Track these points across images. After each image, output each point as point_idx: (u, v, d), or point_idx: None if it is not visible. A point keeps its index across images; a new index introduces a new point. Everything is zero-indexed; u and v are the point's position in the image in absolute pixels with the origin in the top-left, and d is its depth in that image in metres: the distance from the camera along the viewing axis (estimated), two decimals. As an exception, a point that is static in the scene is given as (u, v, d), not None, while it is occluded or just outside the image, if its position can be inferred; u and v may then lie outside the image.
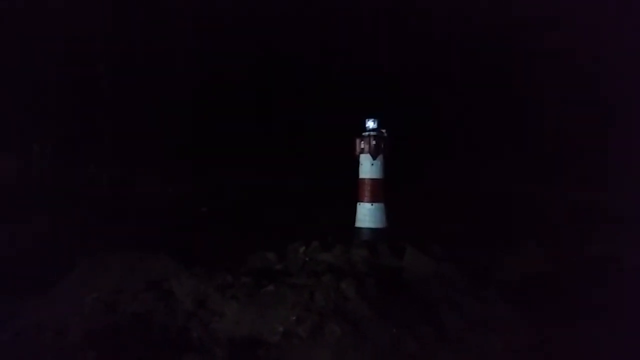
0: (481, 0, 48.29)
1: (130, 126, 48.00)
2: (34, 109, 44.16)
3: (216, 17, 50.46)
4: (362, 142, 32.95)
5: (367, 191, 32.77)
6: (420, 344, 20.10)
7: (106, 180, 45.43)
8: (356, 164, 33.56)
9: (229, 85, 50.16)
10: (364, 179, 32.97)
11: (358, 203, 33.27)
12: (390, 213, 33.03)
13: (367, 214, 32.66)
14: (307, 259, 28.20)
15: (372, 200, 32.59)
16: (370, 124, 33.14)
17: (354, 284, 22.70)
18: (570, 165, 49.37)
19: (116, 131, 47.82)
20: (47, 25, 44.83)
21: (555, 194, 46.03)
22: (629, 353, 20.18)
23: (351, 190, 33.91)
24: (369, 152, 32.61)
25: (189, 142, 49.47)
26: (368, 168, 32.73)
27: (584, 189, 45.67)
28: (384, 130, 33.12)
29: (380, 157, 32.70)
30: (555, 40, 49.75)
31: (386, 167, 33.04)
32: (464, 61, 50.82)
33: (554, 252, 31.32)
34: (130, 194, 44.70)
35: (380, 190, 32.88)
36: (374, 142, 32.47)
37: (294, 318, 20.44)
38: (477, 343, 20.83)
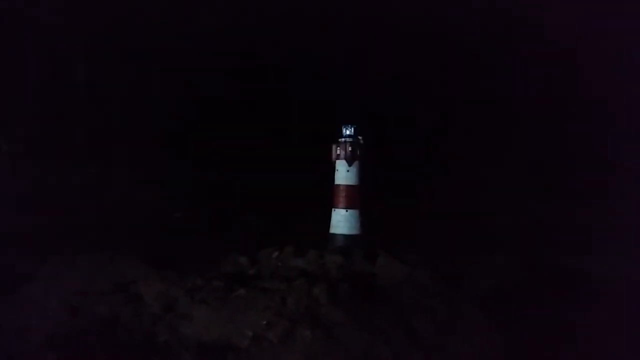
0: (468, 8, 48.74)
1: (105, 129, 47.27)
2: (6, 109, 43.14)
3: (196, 19, 50.17)
4: (338, 148, 32.83)
5: (342, 197, 32.60)
6: (393, 349, 20.00)
7: (80, 181, 44.51)
8: (332, 170, 33.51)
9: (205, 90, 49.79)
10: (339, 185, 32.83)
11: (333, 209, 33.16)
12: (365, 220, 32.98)
13: (341, 220, 32.47)
14: (279, 264, 27.94)
15: (347, 207, 32.46)
16: (347, 130, 33.11)
17: (326, 289, 22.49)
18: (546, 179, 50.06)
19: (91, 133, 47.03)
20: (25, 24, 44.03)
21: (530, 206, 46.58)
22: (593, 354, 20.47)
23: (327, 196, 33.78)
24: (345, 159, 32.52)
25: (166, 146, 48.85)
26: (343, 174, 32.57)
27: (558, 203, 46.33)
28: (360, 137, 33.09)
29: (356, 163, 32.63)
30: (543, 50, 50.63)
31: (362, 174, 33.04)
32: (446, 69, 51.28)
33: (524, 262, 31.65)
34: (104, 196, 43.86)
35: (356, 197, 32.73)
36: (349, 149, 32.36)
37: (264, 323, 20.11)
38: (448, 348, 20.84)
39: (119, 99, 48.46)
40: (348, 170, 32.45)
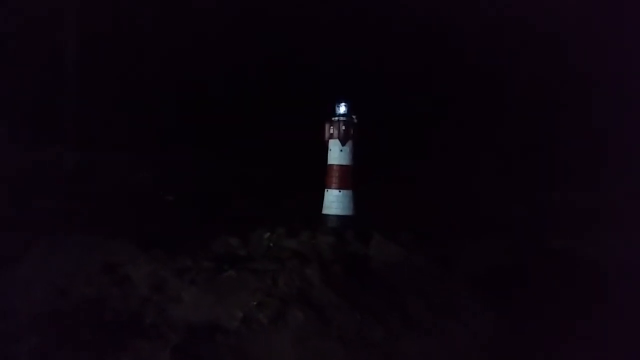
0: None
1: (95, 109, 46.55)
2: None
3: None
4: (332, 127, 31.98)
5: (335, 177, 31.84)
6: (386, 331, 19.71)
7: (68, 163, 43.86)
8: (325, 149, 32.95)
9: (194, 69, 48.96)
10: (332, 165, 32.08)
11: (326, 190, 32.47)
12: (358, 200, 32.53)
13: (334, 201, 31.75)
14: (271, 245, 27.59)
15: (340, 187, 31.73)
16: (340, 109, 32.21)
17: (318, 269, 22.17)
18: (537, 162, 49.93)
19: (80, 113, 46.33)
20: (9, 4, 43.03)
21: (522, 190, 46.40)
22: (588, 338, 20.32)
23: (319, 176, 33.26)
24: (338, 138, 31.72)
25: (155, 126, 48.13)
26: (337, 154, 31.82)
27: (550, 187, 46.25)
28: (354, 116, 32.26)
29: (349, 143, 31.85)
30: (534, 32, 50.09)
31: (355, 154, 32.31)
32: (444, 49, 50.53)
33: (518, 245, 31.49)
34: (93, 178, 43.26)
35: (349, 177, 32.00)
36: (343, 128, 31.52)
37: (254, 303, 19.70)
38: (441, 330, 20.61)
39: (111, 83, 47.70)
40: (341, 150, 31.72)
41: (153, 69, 48.88)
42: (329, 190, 32.14)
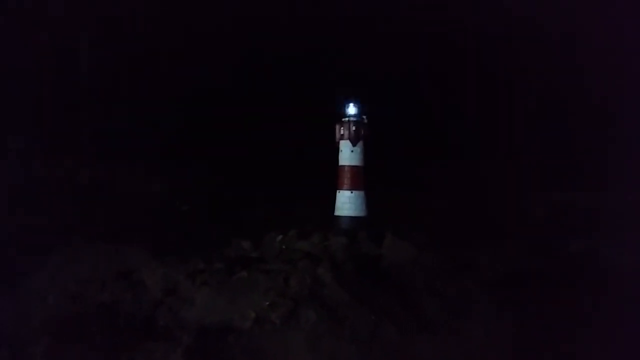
0: None
1: (111, 122, 47.14)
2: (10, 103, 42.99)
3: (197, 10, 49.86)
4: (342, 128, 31.97)
5: (346, 178, 31.78)
6: (399, 330, 19.39)
7: (84, 175, 44.36)
8: (336, 150, 32.84)
9: (208, 80, 49.38)
10: (344, 166, 32.00)
11: (337, 191, 32.40)
12: (370, 201, 32.29)
13: (346, 202, 31.67)
14: (283, 247, 27.45)
15: (352, 188, 31.63)
16: (350, 109, 32.24)
17: (330, 269, 21.95)
18: (553, 166, 49.33)
19: (96, 126, 46.95)
20: (29, 18, 43.86)
21: (537, 194, 45.82)
22: (603, 340, 19.83)
23: (331, 177, 33.12)
24: (349, 139, 31.68)
25: (169, 137, 48.54)
26: (348, 155, 31.75)
27: (566, 190, 45.64)
28: (364, 117, 32.23)
29: (360, 143, 31.80)
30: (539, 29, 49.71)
31: (366, 154, 32.23)
32: (452, 53, 50.37)
33: (534, 247, 31.00)
34: (108, 189, 43.67)
35: (360, 178, 31.92)
36: (353, 129, 31.48)
37: (267, 304, 19.58)
38: (455, 330, 20.22)
39: (127, 96, 48.37)
40: (352, 151, 31.60)
41: (168, 80, 49.45)
42: (341, 191, 32.02)
